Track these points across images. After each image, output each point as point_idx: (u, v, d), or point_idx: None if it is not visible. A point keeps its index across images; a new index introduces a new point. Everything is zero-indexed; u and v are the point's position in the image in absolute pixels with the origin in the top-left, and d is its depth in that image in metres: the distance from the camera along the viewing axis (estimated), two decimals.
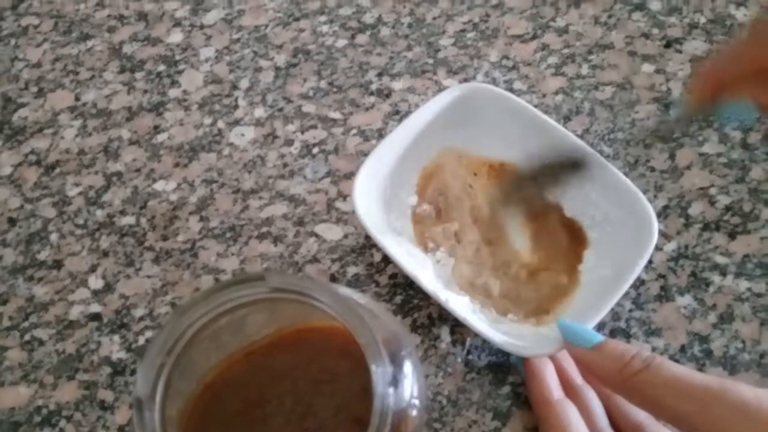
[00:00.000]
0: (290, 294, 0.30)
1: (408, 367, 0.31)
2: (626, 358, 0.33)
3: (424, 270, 0.41)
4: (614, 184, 0.41)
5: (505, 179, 0.44)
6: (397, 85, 0.50)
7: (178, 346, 0.28)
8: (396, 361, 0.30)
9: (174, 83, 0.51)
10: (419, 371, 0.31)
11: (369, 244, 0.44)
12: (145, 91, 0.50)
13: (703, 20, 0.51)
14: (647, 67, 0.50)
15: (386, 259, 0.43)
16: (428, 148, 0.44)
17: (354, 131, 0.48)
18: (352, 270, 0.43)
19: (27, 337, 0.42)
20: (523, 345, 0.37)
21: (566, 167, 0.42)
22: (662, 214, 0.44)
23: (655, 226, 0.40)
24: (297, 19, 0.53)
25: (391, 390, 0.28)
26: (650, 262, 0.43)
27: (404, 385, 0.30)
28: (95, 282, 0.43)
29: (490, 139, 0.44)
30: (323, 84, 0.50)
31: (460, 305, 0.39)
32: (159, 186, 0.47)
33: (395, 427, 0.28)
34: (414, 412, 0.30)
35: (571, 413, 0.35)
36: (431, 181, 0.44)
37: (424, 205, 0.44)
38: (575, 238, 0.43)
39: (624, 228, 0.41)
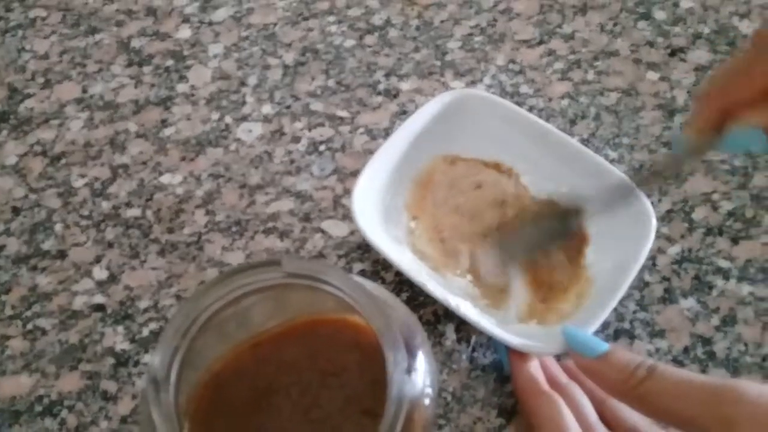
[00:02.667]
0: (305, 280, 0.29)
1: (421, 356, 0.31)
2: (631, 367, 0.33)
3: (430, 277, 0.41)
4: (607, 178, 0.42)
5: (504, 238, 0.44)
6: (405, 85, 0.50)
7: (193, 329, 0.28)
8: (409, 350, 0.30)
9: (182, 78, 0.51)
10: (432, 361, 0.31)
11: None
12: (153, 85, 0.50)
13: (707, 30, 0.52)
14: (652, 75, 0.50)
15: None
16: (421, 157, 0.45)
17: (361, 130, 0.48)
18: (358, 266, 0.43)
19: (29, 326, 0.41)
20: (536, 345, 0.37)
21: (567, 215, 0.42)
22: (666, 218, 0.45)
23: (652, 213, 0.40)
24: (306, 19, 0.53)
25: (406, 378, 0.28)
26: (654, 264, 0.43)
27: (418, 374, 0.30)
28: (100, 273, 0.43)
29: (484, 142, 0.45)
30: (331, 83, 0.50)
31: (469, 309, 0.39)
32: (165, 179, 0.46)
33: (409, 415, 0.28)
34: (427, 401, 0.30)
35: (562, 405, 0.35)
36: (423, 192, 0.45)
37: (412, 223, 0.44)
38: (575, 234, 0.43)
39: (621, 220, 0.41)
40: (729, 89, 0.32)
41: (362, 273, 0.43)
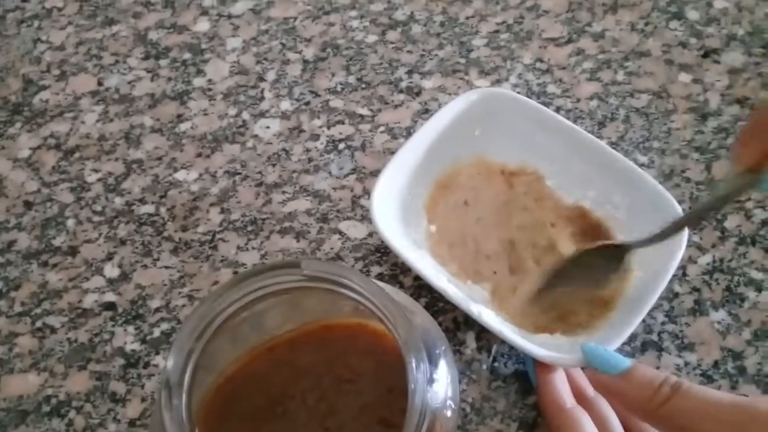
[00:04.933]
0: (325, 283, 0.28)
1: (443, 366, 0.29)
2: (655, 385, 0.31)
3: (451, 282, 0.39)
4: (636, 182, 0.41)
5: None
6: (428, 83, 0.49)
7: (207, 332, 0.27)
8: (431, 359, 0.29)
9: (199, 72, 0.50)
10: (454, 371, 0.30)
11: None
12: (170, 79, 0.49)
13: (741, 32, 0.50)
14: (684, 77, 0.49)
15: None
16: (444, 158, 0.43)
17: (382, 128, 0.47)
18: (375, 269, 0.42)
19: (38, 323, 0.40)
20: (561, 356, 0.36)
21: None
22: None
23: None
24: (327, 13, 0.52)
25: (428, 388, 0.27)
26: (684, 274, 0.41)
27: (439, 384, 0.28)
28: (111, 270, 0.42)
29: (509, 144, 0.43)
30: (352, 79, 0.49)
31: (491, 317, 0.38)
32: (180, 175, 0.45)
33: (430, 427, 0.27)
34: (449, 413, 0.28)
35: (586, 422, 0.34)
36: (444, 194, 0.43)
37: (432, 226, 0.42)
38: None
39: (652, 228, 0.40)
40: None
41: (380, 276, 0.42)
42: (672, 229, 0.37)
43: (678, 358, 0.39)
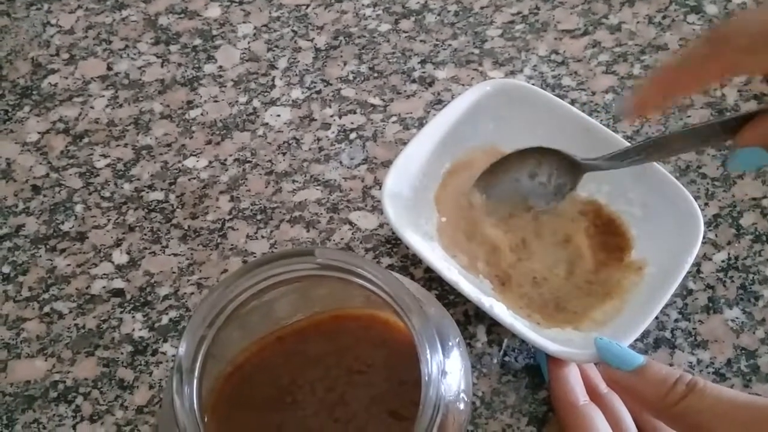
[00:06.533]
0: (338, 272, 0.28)
1: (456, 357, 0.29)
2: (669, 383, 0.31)
3: (462, 275, 0.39)
4: (652, 177, 0.40)
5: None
6: (441, 74, 0.48)
7: (219, 319, 0.27)
8: (444, 351, 0.28)
9: (210, 58, 0.49)
10: (467, 363, 0.29)
11: None
12: (180, 65, 0.49)
13: None
14: None
15: None
16: (456, 149, 0.42)
17: (394, 118, 0.46)
18: (386, 261, 0.42)
19: (46, 309, 0.40)
20: (573, 351, 0.35)
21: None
22: (713, 222, 0.42)
23: (700, 217, 0.38)
24: (340, 1, 0.51)
25: (442, 380, 0.26)
26: (699, 271, 0.41)
27: (453, 376, 0.28)
28: (119, 257, 0.42)
29: (522, 135, 0.43)
30: (364, 68, 0.48)
31: (503, 311, 0.37)
32: (190, 162, 0.45)
33: (443, 419, 0.26)
34: (461, 406, 0.28)
35: (598, 419, 0.33)
36: (454, 182, 0.43)
37: (443, 218, 0.42)
38: (618, 237, 0.41)
39: (667, 223, 0.39)
40: (675, 82, 0.32)
41: (390, 268, 0.41)
42: (627, 155, 0.38)
43: (691, 355, 0.39)
